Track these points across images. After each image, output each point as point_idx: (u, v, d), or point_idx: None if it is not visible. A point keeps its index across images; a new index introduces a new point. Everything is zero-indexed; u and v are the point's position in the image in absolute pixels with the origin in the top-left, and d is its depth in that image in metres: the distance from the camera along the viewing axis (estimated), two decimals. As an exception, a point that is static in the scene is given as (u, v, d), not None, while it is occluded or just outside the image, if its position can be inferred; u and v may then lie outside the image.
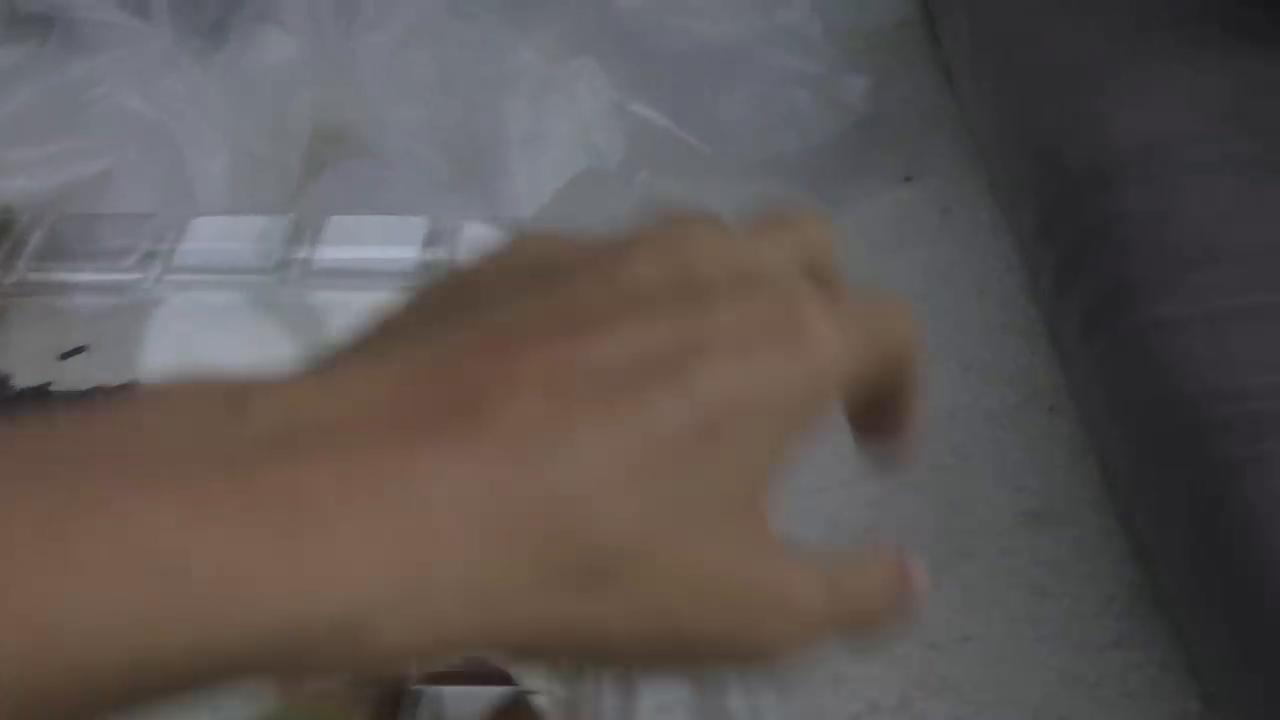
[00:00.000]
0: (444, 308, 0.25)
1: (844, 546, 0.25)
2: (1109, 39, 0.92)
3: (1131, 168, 0.83)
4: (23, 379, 0.54)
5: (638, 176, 1.03)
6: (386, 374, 0.23)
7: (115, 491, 0.20)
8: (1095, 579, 0.85)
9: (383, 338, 0.25)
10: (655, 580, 0.23)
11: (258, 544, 0.21)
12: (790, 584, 0.24)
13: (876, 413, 0.29)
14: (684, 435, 0.23)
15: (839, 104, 1.11)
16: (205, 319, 0.58)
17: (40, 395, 0.54)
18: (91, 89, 0.94)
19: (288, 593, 0.21)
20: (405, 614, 0.21)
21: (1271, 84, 0.86)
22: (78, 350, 0.57)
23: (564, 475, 0.22)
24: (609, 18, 1.07)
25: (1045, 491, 0.90)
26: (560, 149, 1.02)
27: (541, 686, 0.49)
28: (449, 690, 0.48)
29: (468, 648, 0.22)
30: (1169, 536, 0.73)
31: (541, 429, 0.22)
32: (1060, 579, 0.85)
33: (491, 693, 0.47)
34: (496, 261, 0.26)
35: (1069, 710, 0.78)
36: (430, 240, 0.58)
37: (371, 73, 0.99)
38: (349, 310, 0.56)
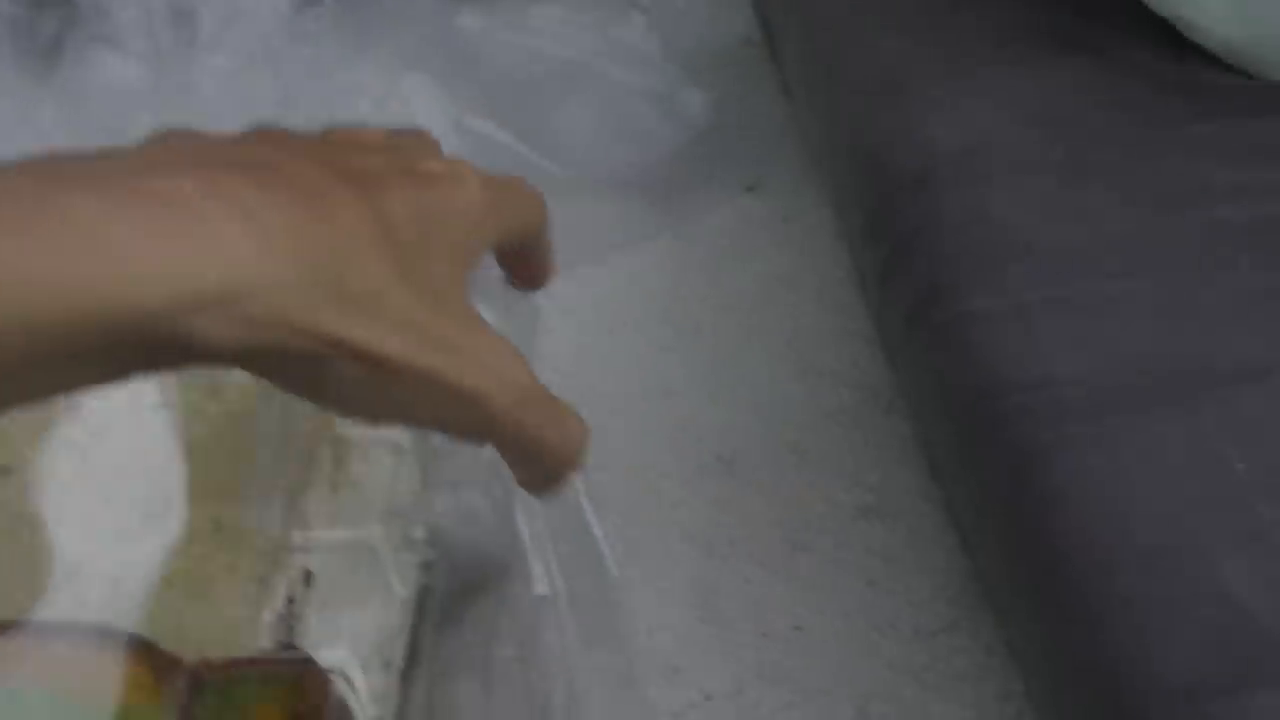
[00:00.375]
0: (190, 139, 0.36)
1: None
2: (930, 49, 0.95)
3: (949, 170, 0.86)
4: None
5: (478, 190, 1.05)
6: (199, 146, 0.34)
7: (49, 192, 0.27)
8: (927, 569, 0.87)
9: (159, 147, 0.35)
10: (402, 320, 0.32)
11: (159, 227, 0.28)
12: (497, 349, 0.34)
13: (524, 265, 0.44)
14: (404, 222, 0.33)
15: (679, 118, 1.14)
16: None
17: None
18: (-82, 114, 0.94)
19: (185, 269, 0.28)
20: (262, 293, 0.29)
21: (1082, 88, 0.90)
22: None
23: (339, 226, 0.31)
24: (448, 35, 1.08)
25: (881, 487, 0.92)
26: (398, 165, 1.04)
27: (338, 667, 0.50)
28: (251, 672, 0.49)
29: (298, 339, 0.30)
30: (982, 521, 0.75)
31: (323, 192, 0.31)
32: (893, 570, 0.87)
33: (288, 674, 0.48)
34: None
35: (898, 694, 0.80)
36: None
37: (212, 94, 0.99)
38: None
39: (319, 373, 0.32)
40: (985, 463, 0.74)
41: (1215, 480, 0.68)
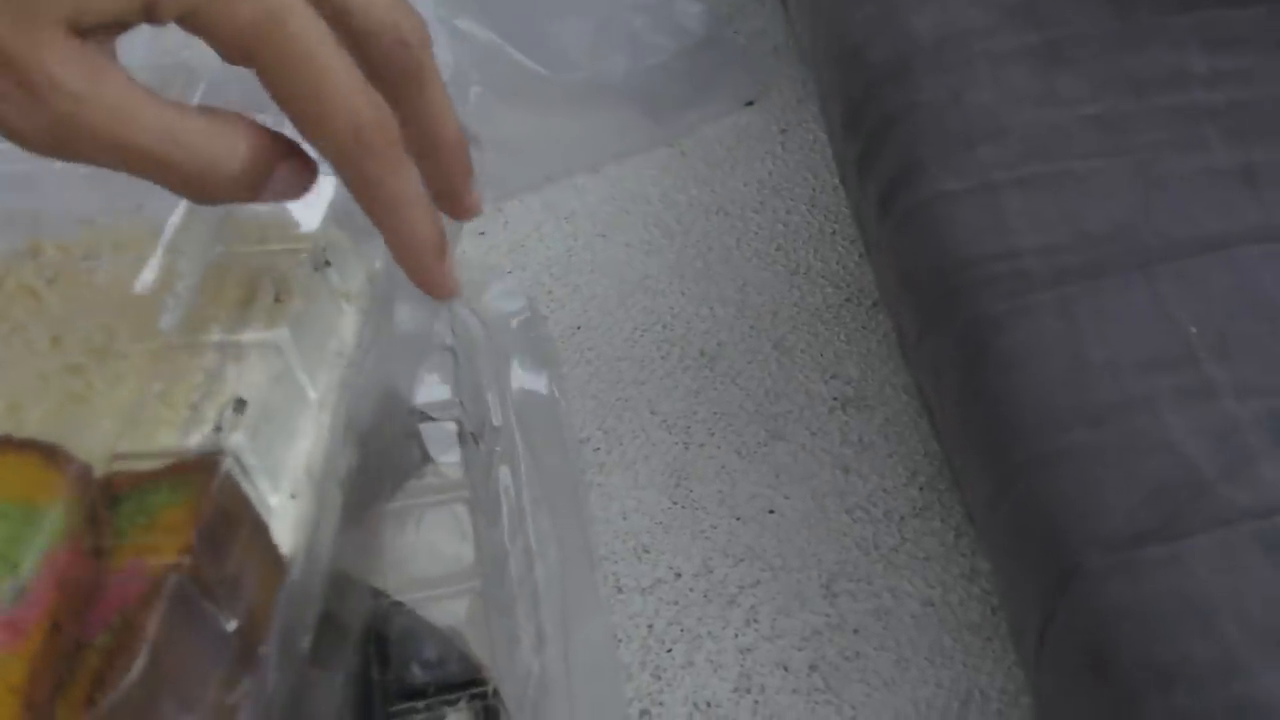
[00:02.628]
0: None
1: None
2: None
3: (927, 60, 0.86)
4: None
5: (470, 91, 1.06)
6: None
7: None
8: (901, 456, 0.88)
9: None
10: None
11: None
12: (51, 63, 0.33)
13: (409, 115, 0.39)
14: None
15: (675, 28, 1.14)
16: None
17: None
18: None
19: None
20: None
21: (1064, -20, 0.90)
22: None
23: None
24: (441, -63, 1.09)
25: (860, 380, 0.93)
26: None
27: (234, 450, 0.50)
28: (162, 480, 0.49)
29: None
30: (942, 388, 0.76)
31: None
32: (867, 457, 0.88)
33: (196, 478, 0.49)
34: None
35: (864, 573, 0.81)
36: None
37: None
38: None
39: None
40: (946, 333, 0.75)
41: (1166, 342, 0.68)
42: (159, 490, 0.49)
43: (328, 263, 0.58)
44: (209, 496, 0.47)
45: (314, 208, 0.59)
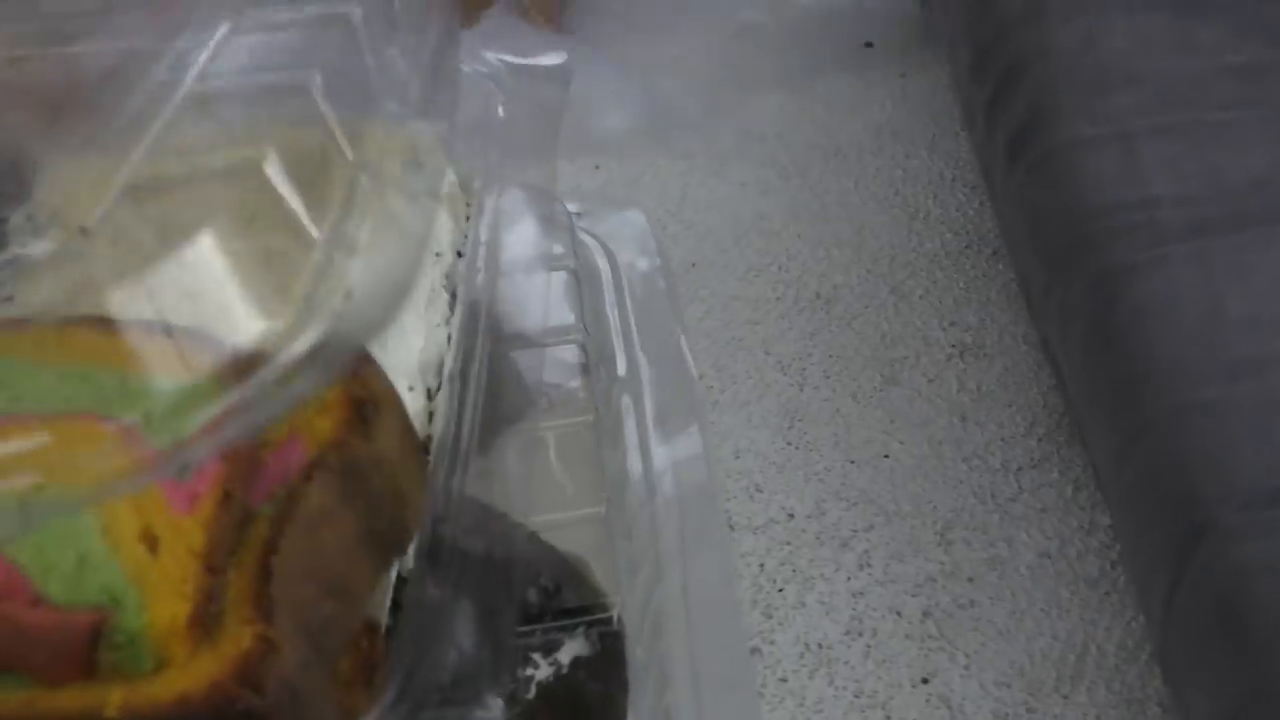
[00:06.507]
0: None
1: None
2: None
3: (1060, 3, 0.85)
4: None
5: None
6: None
7: None
8: (1019, 407, 0.87)
9: None
10: None
11: None
12: None
13: None
14: None
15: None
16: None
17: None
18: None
19: None
20: None
21: (1205, -74, 0.88)
22: None
23: None
24: None
25: (979, 327, 0.92)
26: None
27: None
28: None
29: None
30: (1069, 338, 0.75)
31: None
32: (985, 406, 0.87)
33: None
34: None
35: (980, 522, 0.80)
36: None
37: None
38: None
39: None
40: (1076, 281, 0.74)
41: (1308, 298, 0.66)
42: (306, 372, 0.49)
43: (419, 163, 0.58)
44: (357, 378, 0.49)
45: (404, 105, 0.59)
